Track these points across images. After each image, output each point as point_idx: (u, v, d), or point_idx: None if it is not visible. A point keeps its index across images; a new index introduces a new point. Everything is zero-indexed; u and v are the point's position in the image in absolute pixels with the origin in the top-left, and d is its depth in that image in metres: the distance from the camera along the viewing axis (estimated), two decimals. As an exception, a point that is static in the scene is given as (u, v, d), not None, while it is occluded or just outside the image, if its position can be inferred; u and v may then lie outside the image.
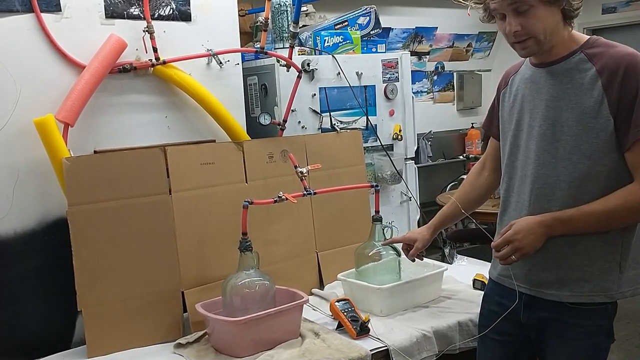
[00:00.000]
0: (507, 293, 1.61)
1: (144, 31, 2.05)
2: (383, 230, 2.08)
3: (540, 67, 1.53)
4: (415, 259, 1.96)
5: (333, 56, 2.62)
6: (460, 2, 1.50)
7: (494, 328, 1.64)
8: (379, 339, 1.82)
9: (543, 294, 1.53)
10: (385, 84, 2.79)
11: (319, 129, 2.59)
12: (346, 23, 2.86)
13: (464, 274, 2.31)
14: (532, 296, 1.55)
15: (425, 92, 5.77)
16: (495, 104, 1.74)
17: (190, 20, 2.19)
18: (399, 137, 2.86)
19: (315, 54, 2.64)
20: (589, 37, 1.51)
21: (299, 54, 2.57)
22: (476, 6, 1.52)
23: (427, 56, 5.67)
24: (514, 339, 1.63)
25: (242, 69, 2.38)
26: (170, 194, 1.97)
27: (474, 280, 2.19)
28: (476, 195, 1.85)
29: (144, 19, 2.04)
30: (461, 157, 5.75)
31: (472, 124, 5.92)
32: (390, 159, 2.74)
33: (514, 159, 1.60)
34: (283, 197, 1.94)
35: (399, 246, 2.02)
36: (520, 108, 1.58)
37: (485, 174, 1.83)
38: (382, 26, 3.02)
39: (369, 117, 2.73)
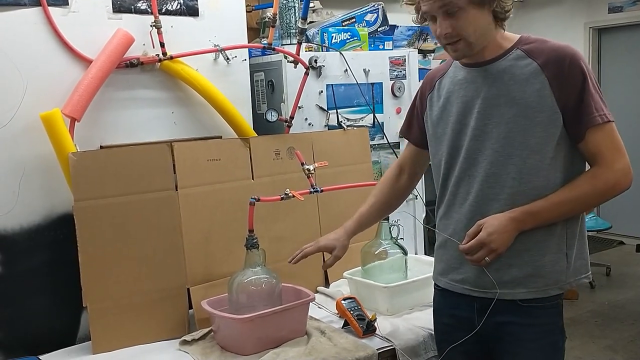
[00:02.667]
0: (458, 303, 1.58)
1: (151, 26, 2.04)
2: (389, 228, 2.07)
3: (475, 67, 1.52)
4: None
5: (340, 53, 2.61)
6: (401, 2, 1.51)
7: (454, 341, 1.58)
8: (385, 338, 1.81)
9: (497, 295, 1.48)
10: (393, 82, 2.78)
11: (325, 126, 2.58)
12: (354, 20, 2.85)
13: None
14: (484, 299, 1.51)
15: (430, 90, 5.75)
16: (417, 109, 1.72)
17: (198, 15, 2.18)
18: (406, 135, 2.85)
19: (322, 51, 2.63)
20: (520, 35, 1.51)
21: (306, 51, 2.56)
22: (408, 7, 1.53)
23: (432, 54, 5.65)
24: (475, 347, 1.58)
25: (249, 65, 2.37)
26: (176, 190, 1.96)
27: (481, 280, 2.18)
28: (395, 199, 1.84)
29: (152, 13, 2.03)
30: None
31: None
32: (397, 157, 2.73)
33: (454, 161, 1.56)
34: (290, 194, 1.93)
35: (405, 245, 2.00)
36: (457, 109, 1.54)
37: (403, 177, 1.81)
38: (389, 23, 3.01)
39: (376, 115, 2.72)
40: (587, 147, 1.44)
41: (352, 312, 1.86)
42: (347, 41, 2.69)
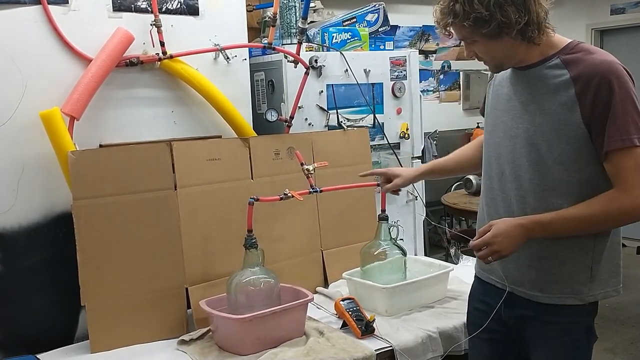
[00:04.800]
0: (490, 291, 1.64)
1: (151, 25, 2.04)
2: (389, 229, 2.06)
3: (518, 70, 1.53)
4: (390, 193, 1.99)
5: (341, 53, 2.60)
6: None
7: (481, 325, 1.64)
8: (384, 338, 1.80)
9: (518, 292, 1.55)
10: (393, 82, 2.77)
11: (325, 126, 2.57)
12: (354, 20, 2.84)
13: (470, 275, 2.27)
14: (510, 293, 1.56)
15: (431, 91, 5.76)
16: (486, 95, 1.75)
17: (198, 14, 2.18)
18: (406, 135, 2.84)
19: (323, 51, 2.62)
20: (570, 41, 1.48)
21: (306, 51, 2.55)
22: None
23: (434, 55, 5.65)
24: (500, 337, 1.64)
25: (250, 64, 2.36)
26: (175, 189, 1.96)
27: (480, 281, 2.17)
28: (475, 160, 1.81)
29: (152, 12, 2.03)
30: (467, 156, 5.72)
31: (478, 123, 5.89)
32: (397, 158, 2.72)
33: (490, 157, 1.61)
34: (289, 194, 1.93)
35: (404, 245, 2.00)
36: (500, 105, 1.58)
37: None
38: (390, 24, 3.00)
39: (376, 115, 2.71)
40: (610, 168, 1.41)
41: (350, 312, 1.86)
42: (348, 41, 2.68)
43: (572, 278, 1.49)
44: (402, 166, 2.74)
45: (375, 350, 1.74)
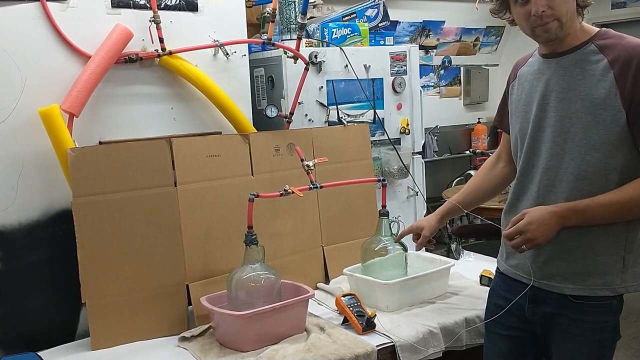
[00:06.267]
0: (513, 287, 1.61)
1: (150, 21, 2.03)
2: (390, 225, 2.06)
3: (550, 58, 1.52)
4: (425, 248, 1.94)
5: (341, 48, 2.59)
6: None
7: (501, 323, 1.64)
8: (385, 334, 1.80)
9: (547, 287, 1.53)
10: (393, 77, 2.76)
11: (326, 122, 2.57)
12: (354, 15, 2.84)
13: (471, 270, 2.29)
14: (537, 289, 1.54)
15: (432, 86, 5.74)
16: (506, 97, 1.72)
17: (197, 10, 2.17)
18: (407, 131, 2.84)
19: (322, 46, 2.61)
20: (600, 29, 1.50)
21: (306, 46, 2.55)
22: None
23: (434, 50, 5.63)
24: (520, 334, 1.63)
25: (249, 60, 2.36)
26: (175, 186, 1.95)
27: (481, 277, 2.17)
28: (489, 186, 1.85)
29: (151, 8, 2.02)
30: (467, 152, 5.73)
31: (479, 119, 5.89)
32: (398, 153, 2.72)
33: (521, 151, 1.60)
34: (289, 190, 1.92)
35: (405, 241, 2.00)
36: (530, 100, 1.57)
37: (500, 165, 1.83)
38: (390, 19, 2.99)
39: (377, 111, 2.71)
40: None
41: (351, 308, 1.86)
42: (348, 36, 2.67)
43: (605, 269, 1.47)
44: (403, 162, 2.74)
45: (376, 346, 1.73)
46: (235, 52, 2.27)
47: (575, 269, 1.49)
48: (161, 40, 2.05)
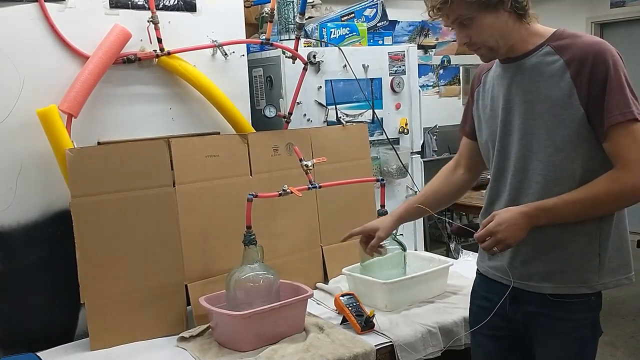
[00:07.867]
0: (493, 288, 1.62)
1: (148, 21, 2.03)
2: (389, 224, 2.05)
3: (508, 63, 1.53)
4: (376, 253, 1.81)
5: (339, 48, 2.59)
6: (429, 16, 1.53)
7: (485, 324, 1.63)
8: (383, 334, 1.80)
9: (526, 287, 1.53)
10: (392, 77, 2.76)
11: (324, 122, 2.57)
12: (353, 15, 2.83)
13: (470, 269, 2.27)
14: (516, 289, 1.54)
15: (431, 86, 5.75)
16: (470, 103, 1.72)
17: (196, 10, 2.17)
18: (405, 130, 2.83)
19: (321, 46, 2.61)
20: (556, 29, 1.50)
21: (304, 46, 2.54)
22: (435, 19, 1.51)
23: (433, 50, 5.64)
24: (505, 333, 1.62)
25: (247, 60, 2.35)
26: (174, 186, 1.96)
27: (480, 276, 2.17)
28: (448, 191, 1.82)
29: (149, 9, 2.02)
30: (466, 151, 5.71)
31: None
32: (397, 153, 2.72)
33: (493, 156, 1.60)
34: (288, 190, 1.92)
35: (404, 241, 2.00)
36: (495, 105, 1.57)
37: (459, 172, 1.81)
38: (389, 19, 2.99)
39: (375, 111, 2.71)
40: (610, 147, 1.40)
41: (350, 308, 1.86)
42: (346, 36, 2.67)
43: (581, 267, 1.47)
44: (401, 161, 2.74)
45: (375, 345, 1.74)
46: (233, 52, 2.26)
47: (552, 269, 1.50)
48: (159, 41, 2.05)
